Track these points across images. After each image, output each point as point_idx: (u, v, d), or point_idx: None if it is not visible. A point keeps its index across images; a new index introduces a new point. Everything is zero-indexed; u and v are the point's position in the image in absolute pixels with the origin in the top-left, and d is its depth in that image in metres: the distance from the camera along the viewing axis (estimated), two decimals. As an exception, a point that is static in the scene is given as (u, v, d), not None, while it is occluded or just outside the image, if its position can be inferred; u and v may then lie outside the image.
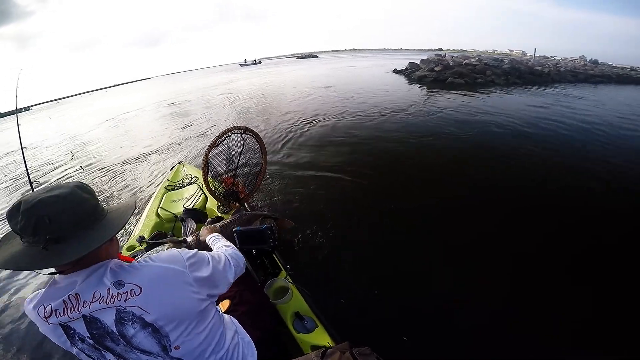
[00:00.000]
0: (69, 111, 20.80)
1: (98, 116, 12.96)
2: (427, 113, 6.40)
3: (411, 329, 1.65)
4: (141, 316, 0.65)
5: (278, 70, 29.87)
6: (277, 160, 4.23)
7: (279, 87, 13.71)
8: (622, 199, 2.95)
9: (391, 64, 20.27)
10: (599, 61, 21.55)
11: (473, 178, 3.41)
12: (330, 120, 6.20)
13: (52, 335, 0.69)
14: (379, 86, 10.57)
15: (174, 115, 9.79)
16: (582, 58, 23.75)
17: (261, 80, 18.99)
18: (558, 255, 2.19)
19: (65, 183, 0.68)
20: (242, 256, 0.97)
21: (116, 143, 6.98)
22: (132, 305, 0.64)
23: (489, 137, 4.78)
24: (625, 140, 4.73)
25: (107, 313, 0.64)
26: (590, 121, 5.84)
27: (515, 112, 6.47)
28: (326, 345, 1.09)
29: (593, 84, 12.36)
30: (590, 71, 14.49)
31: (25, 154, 2.54)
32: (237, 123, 6.93)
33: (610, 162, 3.77)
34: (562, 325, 1.66)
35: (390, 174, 3.60)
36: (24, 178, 5.40)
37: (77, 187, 0.67)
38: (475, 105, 7.34)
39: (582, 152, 4.18)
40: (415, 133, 5.02)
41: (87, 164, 5.62)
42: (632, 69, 17.53)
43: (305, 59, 65.68)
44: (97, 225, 0.67)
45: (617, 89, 11.36)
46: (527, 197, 2.99)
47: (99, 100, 27.56)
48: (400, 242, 2.38)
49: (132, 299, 0.64)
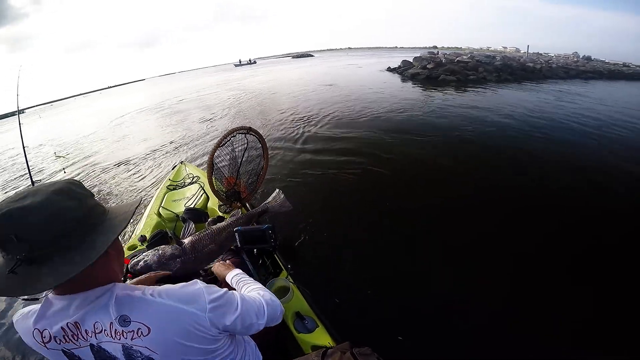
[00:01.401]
0: (63, 114, 20.67)
1: (97, 117, 12.97)
2: (424, 111, 6.46)
3: (411, 328, 1.69)
4: (149, 356, 0.59)
5: (275, 69, 29.78)
6: (279, 158, 4.28)
7: (281, 85, 13.76)
8: (625, 199, 2.96)
9: (387, 61, 20.39)
10: (592, 57, 21.79)
11: (474, 177, 3.44)
12: (328, 118, 6.27)
13: (51, 357, 0.62)
14: (375, 84, 10.68)
15: (171, 115, 9.81)
16: (575, 55, 24.03)
17: (261, 79, 18.96)
18: (558, 254, 2.21)
19: (44, 186, 0.54)
20: (281, 305, 0.85)
21: (120, 144, 7.02)
22: (139, 345, 0.58)
23: (486, 136, 4.81)
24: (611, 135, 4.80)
25: (113, 346, 0.59)
26: (578, 113, 5.95)
27: (512, 109, 6.53)
28: (327, 346, 1.09)
29: (584, 80, 12.58)
30: (582, 67, 14.70)
31: (26, 153, 2.61)
32: (238, 122, 7.14)
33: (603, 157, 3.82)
34: (562, 325, 1.69)
35: (387, 172, 3.63)
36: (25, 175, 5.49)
37: (57, 192, 0.53)
38: (468, 102, 7.42)
39: (572, 147, 4.27)
40: (412, 131, 5.07)
41: (85, 164, 5.68)
42: (624, 65, 17.76)
43: (300, 58, 65.24)
44: (84, 240, 0.54)
45: (606, 84, 11.55)
46: (528, 197, 3.01)
47: (96, 102, 27.37)
48: (400, 241, 2.42)
49: (139, 339, 0.57)
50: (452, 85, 10.09)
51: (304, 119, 6.37)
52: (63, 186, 0.55)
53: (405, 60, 14.90)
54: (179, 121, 8.49)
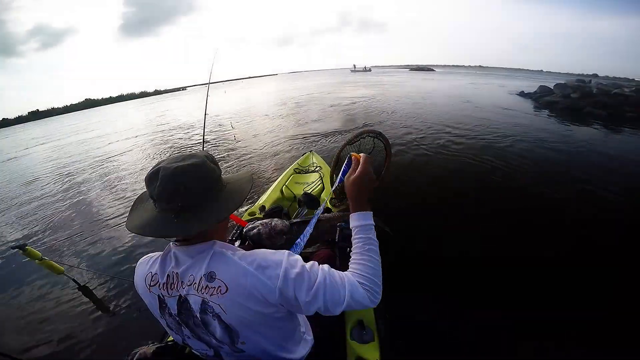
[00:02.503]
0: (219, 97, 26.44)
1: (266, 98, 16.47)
2: (561, 145, 5.58)
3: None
4: (219, 314, 0.66)
5: (395, 80, 30.24)
6: (397, 168, 4.37)
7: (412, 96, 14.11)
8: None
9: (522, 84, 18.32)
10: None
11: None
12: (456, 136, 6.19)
13: (148, 301, 0.74)
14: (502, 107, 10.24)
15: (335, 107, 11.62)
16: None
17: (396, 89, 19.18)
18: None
19: (195, 152, 0.70)
20: (381, 285, 0.73)
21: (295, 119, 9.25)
22: (215, 302, 0.66)
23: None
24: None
25: (195, 299, 0.67)
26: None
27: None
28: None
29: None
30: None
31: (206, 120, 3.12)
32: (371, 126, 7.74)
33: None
34: (572, 328, 1.76)
35: (502, 209, 3.29)
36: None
37: (207, 157, 0.70)
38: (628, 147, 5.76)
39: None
40: (534, 165, 4.44)
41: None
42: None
43: (419, 71, 62.68)
44: (220, 197, 0.69)
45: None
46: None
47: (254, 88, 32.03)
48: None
49: (217, 296, 0.65)
50: (599, 121, 8.76)
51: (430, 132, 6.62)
52: (207, 154, 0.71)
53: (543, 85, 13.45)
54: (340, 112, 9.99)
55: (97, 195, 5.15)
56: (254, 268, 0.66)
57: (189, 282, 0.67)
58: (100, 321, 2.29)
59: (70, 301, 2.53)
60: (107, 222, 3.94)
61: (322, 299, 0.67)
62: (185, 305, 0.69)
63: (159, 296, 0.71)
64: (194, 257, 0.68)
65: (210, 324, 0.69)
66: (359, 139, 2.01)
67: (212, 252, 0.68)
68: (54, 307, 2.49)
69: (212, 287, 0.65)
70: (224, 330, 0.69)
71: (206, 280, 0.66)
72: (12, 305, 2.59)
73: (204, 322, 0.69)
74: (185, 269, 0.68)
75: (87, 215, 4.34)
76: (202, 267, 0.67)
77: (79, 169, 7.31)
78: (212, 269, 0.66)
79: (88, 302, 2.50)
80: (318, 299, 0.66)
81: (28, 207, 5.05)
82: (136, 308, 2.31)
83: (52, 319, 2.36)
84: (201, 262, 0.67)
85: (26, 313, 2.46)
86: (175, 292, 0.69)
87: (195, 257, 0.68)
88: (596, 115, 9.27)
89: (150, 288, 0.72)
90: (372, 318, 1.26)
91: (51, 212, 4.64)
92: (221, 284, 0.65)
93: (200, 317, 0.68)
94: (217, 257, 0.68)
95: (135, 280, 0.77)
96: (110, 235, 3.59)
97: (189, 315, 0.69)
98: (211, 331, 0.70)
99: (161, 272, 0.71)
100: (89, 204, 4.83)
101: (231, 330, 0.69)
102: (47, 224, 4.21)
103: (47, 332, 2.24)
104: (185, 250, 0.70)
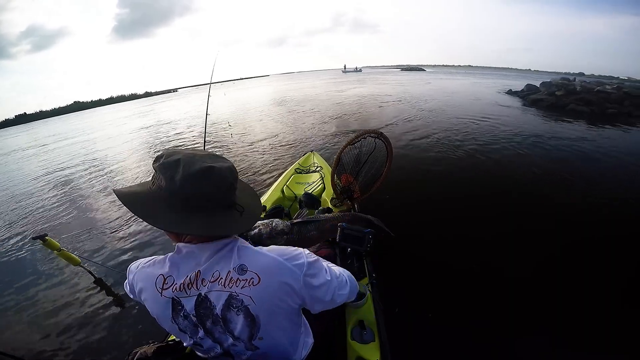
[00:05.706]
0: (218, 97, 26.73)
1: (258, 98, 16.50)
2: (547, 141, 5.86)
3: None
4: (247, 306, 0.66)
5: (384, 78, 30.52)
6: (398, 172, 4.13)
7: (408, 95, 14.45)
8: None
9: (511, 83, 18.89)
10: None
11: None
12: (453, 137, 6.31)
13: (156, 306, 0.70)
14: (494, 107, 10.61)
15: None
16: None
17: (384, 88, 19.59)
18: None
19: (214, 152, 0.72)
20: (357, 283, 0.94)
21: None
22: (245, 294, 0.65)
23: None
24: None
25: (219, 295, 0.66)
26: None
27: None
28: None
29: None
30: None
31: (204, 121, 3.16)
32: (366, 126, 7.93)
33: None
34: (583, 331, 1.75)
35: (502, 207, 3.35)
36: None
37: (227, 159, 0.71)
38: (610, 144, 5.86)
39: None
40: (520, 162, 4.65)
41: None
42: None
43: (410, 71, 63.02)
44: (244, 194, 0.75)
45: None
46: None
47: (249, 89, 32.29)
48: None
49: (248, 287, 0.65)
50: (583, 117, 9.14)
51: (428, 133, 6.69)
52: (225, 158, 0.72)
53: (530, 84, 13.90)
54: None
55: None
56: (283, 258, 0.69)
57: (212, 279, 0.67)
58: (114, 314, 2.33)
59: (88, 291, 2.61)
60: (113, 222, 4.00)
61: (334, 290, 0.77)
62: (204, 304, 0.68)
63: (174, 298, 0.69)
64: (216, 252, 0.68)
65: (231, 320, 0.68)
66: (360, 140, 1.99)
67: (237, 247, 0.70)
68: (69, 298, 2.57)
69: (243, 280, 0.66)
70: (247, 323, 0.68)
71: (237, 273, 0.66)
72: (32, 297, 2.65)
73: (224, 319, 0.68)
74: (208, 266, 0.67)
75: (83, 215, 4.42)
76: (229, 261, 0.67)
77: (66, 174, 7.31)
78: (243, 262, 0.67)
79: (104, 295, 2.57)
80: (330, 288, 0.76)
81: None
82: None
83: (67, 310, 2.42)
84: (228, 257, 0.68)
85: (40, 305, 2.54)
86: (194, 291, 0.67)
87: (219, 252, 0.68)
88: (578, 113, 9.68)
89: (162, 292, 0.69)
90: (372, 318, 1.25)
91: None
92: (254, 275, 0.66)
93: (222, 314, 0.68)
94: (244, 251, 0.70)
95: (135, 286, 0.74)
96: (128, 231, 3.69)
97: (208, 315, 0.69)
98: (230, 328, 0.69)
99: (176, 273, 0.68)
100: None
101: (254, 323, 0.68)
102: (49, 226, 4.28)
103: (61, 325, 2.27)
104: (206, 247, 0.68)
